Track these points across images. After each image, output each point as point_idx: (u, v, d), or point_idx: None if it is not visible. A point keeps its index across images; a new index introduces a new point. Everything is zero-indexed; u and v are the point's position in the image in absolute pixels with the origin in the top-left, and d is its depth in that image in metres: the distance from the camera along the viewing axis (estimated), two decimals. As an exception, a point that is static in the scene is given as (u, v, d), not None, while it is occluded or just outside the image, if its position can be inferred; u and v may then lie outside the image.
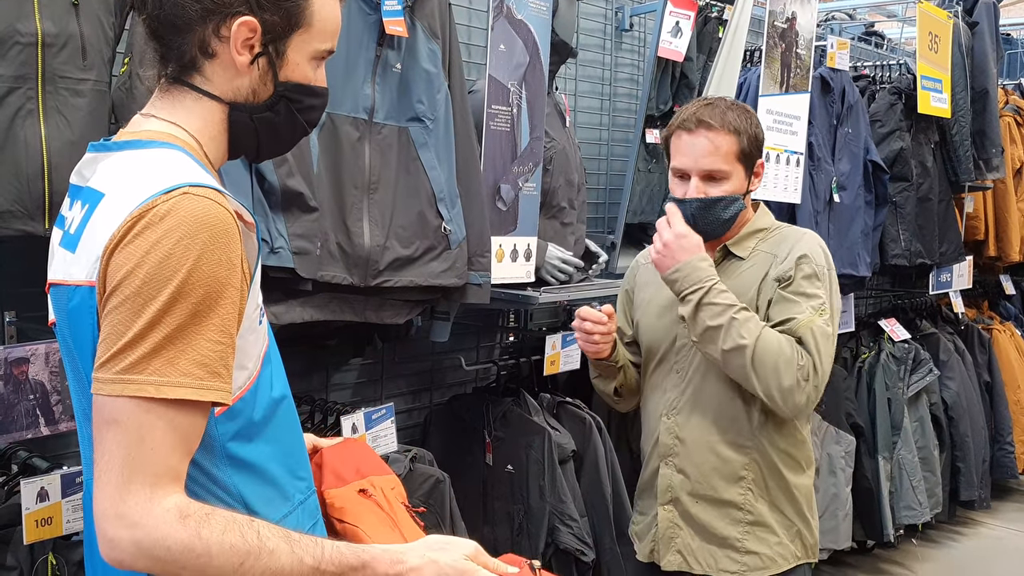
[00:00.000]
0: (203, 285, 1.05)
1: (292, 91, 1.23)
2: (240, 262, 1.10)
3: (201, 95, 1.20)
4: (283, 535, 1.09)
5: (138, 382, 1.03)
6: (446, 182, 2.27)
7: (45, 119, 1.80)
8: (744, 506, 2.00)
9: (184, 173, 1.10)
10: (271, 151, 1.31)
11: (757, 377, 1.86)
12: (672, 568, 2.06)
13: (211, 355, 1.06)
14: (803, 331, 1.88)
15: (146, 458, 1.04)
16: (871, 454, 4.11)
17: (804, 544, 2.05)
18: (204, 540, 1.03)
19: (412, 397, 3.03)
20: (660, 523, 2.08)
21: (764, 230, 2.05)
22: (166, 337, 1.03)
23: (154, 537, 1.02)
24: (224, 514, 1.07)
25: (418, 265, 2.23)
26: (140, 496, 1.03)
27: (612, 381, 2.17)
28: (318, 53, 1.24)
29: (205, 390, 1.06)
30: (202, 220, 1.06)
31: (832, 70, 3.71)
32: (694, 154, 1.95)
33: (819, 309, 1.91)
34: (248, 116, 1.22)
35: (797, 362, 1.86)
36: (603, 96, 3.61)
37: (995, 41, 4.50)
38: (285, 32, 1.20)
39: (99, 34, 1.87)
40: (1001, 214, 4.94)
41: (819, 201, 3.62)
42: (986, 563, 4.46)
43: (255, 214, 1.94)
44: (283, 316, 2.06)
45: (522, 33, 2.52)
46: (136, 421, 1.03)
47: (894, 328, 4.42)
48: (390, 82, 2.19)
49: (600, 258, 2.98)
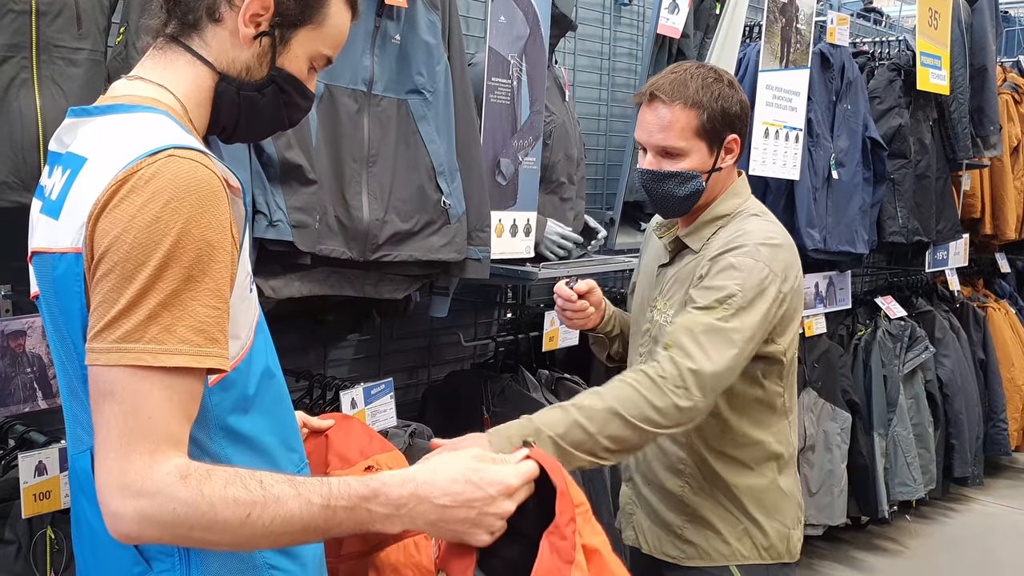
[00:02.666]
0: (194, 248, 1.03)
1: (285, 80, 1.23)
2: (229, 226, 1.08)
3: (195, 59, 1.19)
4: (287, 480, 1.07)
5: (135, 351, 1.01)
6: (445, 156, 2.25)
7: (40, 89, 1.77)
8: (683, 498, 1.92)
9: (168, 135, 1.08)
10: (245, 134, 1.31)
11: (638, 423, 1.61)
12: (629, 543, 2.06)
13: (207, 320, 1.04)
14: (678, 336, 1.69)
15: (145, 427, 1.02)
16: (867, 431, 4.13)
17: (755, 544, 1.92)
18: (207, 496, 1.01)
19: (410, 373, 3.02)
20: (622, 498, 2.08)
21: (725, 216, 1.88)
22: (160, 303, 1.01)
23: (158, 502, 1.01)
24: (225, 469, 1.06)
25: (417, 239, 2.22)
26: (140, 464, 1.01)
27: (605, 349, 2.15)
28: (319, 55, 1.25)
29: (203, 356, 1.04)
30: (189, 182, 1.04)
31: (832, 46, 3.69)
32: (648, 128, 1.83)
33: (721, 301, 1.71)
34: (236, 90, 1.21)
35: (652, 379, 1.64)
36: (602, 71, 3.58)
37: (994, 18, 4.48)
38: (297, 22, 1.21)
39: (94, 3, 1.84)
40: (998, 192, 4.94)
41: (818, 178, 3.61)
42: (979, 539, 4.49)
43: (254, 187, 1.93)
44: (281, 290, 2.04)
45: (522, 4, 2.49)
46: (133, 390, 1.02)
47: (890, 306, 4.42)
48: (389, 54, 2.17)
49: (599, 234, 2.96)
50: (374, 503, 1.08)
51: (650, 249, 2.10)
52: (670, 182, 1.83)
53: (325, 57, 1.27)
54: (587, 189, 3.26)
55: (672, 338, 1.70)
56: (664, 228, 2.03)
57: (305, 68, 1.25)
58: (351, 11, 1.28)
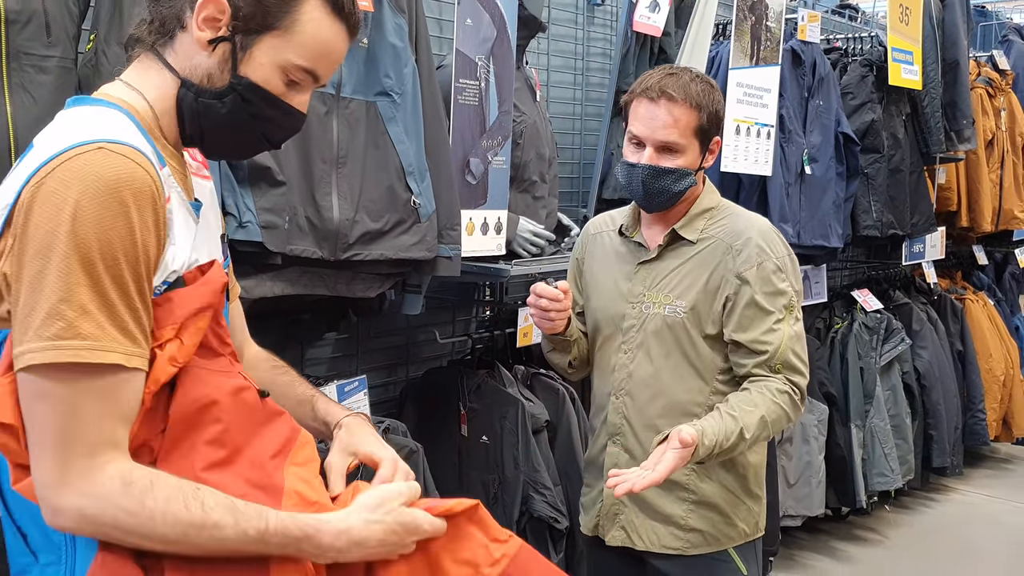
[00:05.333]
0: (103, 242, 1.03)
1: (247, 89, 1.19)
2: (155, 226, 1.08)
3: (163, 67, 1.21)
4: (228, 506, 1.08)
5: (62, 348, 1.01)
6: (415, 156, 2.29)
7: (10, 96, 1.81)
8: (688, 486, 2.01)
9: (110, 131, 1.09)
10: (216, 147, 1.28)
11: (774, 433, 1.93)
12: (616, 544, 2.08)
13: (126, 319, 1.05)
14: (785, 356, 1.92)
15: (80, 429, 1.03)
16: (844, 422, 4.18)
17: (752, 521, 2.05)
18: (148, 509, 1.04)
19: (388, 371, 3.06)
20: (605, 499, 2.09)
21: (712, 209, 2.04)
22: (70, 301, 1.01)
23: (99, 506, 1.03)
24: (168, 482, 1.07)
25: (388, 239, 2.25)
26: (80, 466, 1.03)
27: (567, 355, 2.16)
28: (291, 66, 1.20)
29: (131, 356, 1.05)
30: (110, 177, 1.03)
31: (803, 43, 3.74)
32: (653, 124, 1.93)
33: (789, 307, 1.95)
34: (194, 96, 1.20)
35: (796, 402, 1.92)
36: (576, 71, 3.62)
37: (966, 13, 4.53)
38: (257, 28, 1.18)
39: (63, 11, 1.87)
40: (973, 185, 4.99)
41: (790, 173, 3.66)
42: (958, 528, 4.55)
43: (223, 188, 1.97)
44: (254, 290, 2.08)
45: (489, 7, 2.53)
46: (65, 391, 1.02)
47: (866, 299, 4.47)
48: (357, 57, 2.21)
49: (572, 231, 3.01)
50: (306, 544, 1.13)
51: (603, 250, 2.15)
52: (668, 178, 1.95)
53: (302, 69, 1.21)
54: (562, 188, 3.31)
55: (781, 360, 1.93)
56: (632, 228, 2.10)
57: (277, 79, 1.21)
58: (341, 24, 1.23)
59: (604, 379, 2.11)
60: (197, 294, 1.17)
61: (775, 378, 1.92)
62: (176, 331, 1.12)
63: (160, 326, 1.12)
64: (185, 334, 1.13)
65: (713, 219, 2.04)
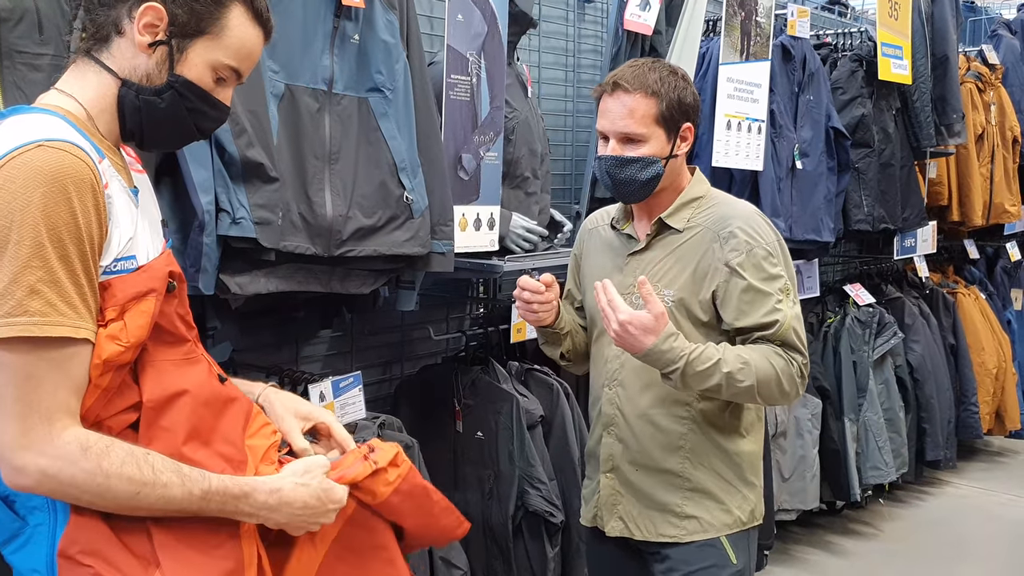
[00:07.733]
0: (49, 227, 1.15)
1: (183, 86, 1.35)
2: (96, 210, 1.21)
3: (102, 69, 1.33)
4: (174, 468, 1.26)
5: (12, 324, 1.14)
6: (407, 152, 2.30)
7: (4, 94, 1.81)
8: (683, 474, 2.02)
9: (49, 131, 1.21)
10: (155, 139, 1.40)
11: (762, 399, 1.94)
12: (615, 534, 2.10)
13: (72, 294, 1.18)
14: (786, 335, 1.93)
15: (37, 395, 1.17)
16: (837, 416, 4.20)
17: (747, 508, 2.06)
18: (104, 471, 1.20)
19: (383, 368, 3.07)
20: (602, 490, 2.12)
21: (699, 199, 2.05)
22: (19, 282, 1.14)
23: (59, 465, 1.18)
24: (122, 447, 1.23)
25: (381, 235, 2.26)
26: (40, 431, 1.17)
27: (558, 347, 2.19)
28: (221, 65, 1.37)
29: (78, 328, 1.19)
30: (51, 170, 1.17)
31: (793, 38, 3.75)
32: (611, 116, 1.97)
33: (784, 290, 1.96)
34: (135, 94, 1.33)
35: (791, 372, 1.92)
36: (567, 67, 3.63)
37: (954, 8, 4.55)
38: (192, 33, 1.34)
39: (55, 9, 1.87)
40: (964, 179, 5.01)
41: (781, 168, 3.67)
42: (952, 521, 4.57)
43: (216, 185, 1.97)
44: (247, 287, 2.08)
45: (480, 3, 2.54)
46: (19, 361, 1.16)
47: (859, 293, 4.49)
48: (348, 53, 2.22)
49: (565, 227, 3.02)
50: (243, 502, 1.30)
51: (598, 245, 2.17)
52: (632, 167, 1.96)
53: (229, 68, 1.38)
54: (555, 184, 3.32)
55: (782, 337, 1.93)
56: (623, 220, 2.12)
57: (208, 77, 1.36)
58: (260, 29, 1.40)
59: (599, 370, 2.14)
60: (138, 280, 1.29)
61: (776, 347, 1.93)
62: (118, 312, 1.25)
63: (104, 307, 1.25)
64: (128, 315, 1.26)
65: (700, 208, 2.04)
